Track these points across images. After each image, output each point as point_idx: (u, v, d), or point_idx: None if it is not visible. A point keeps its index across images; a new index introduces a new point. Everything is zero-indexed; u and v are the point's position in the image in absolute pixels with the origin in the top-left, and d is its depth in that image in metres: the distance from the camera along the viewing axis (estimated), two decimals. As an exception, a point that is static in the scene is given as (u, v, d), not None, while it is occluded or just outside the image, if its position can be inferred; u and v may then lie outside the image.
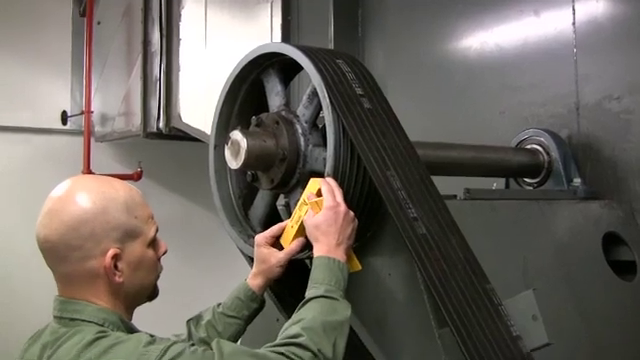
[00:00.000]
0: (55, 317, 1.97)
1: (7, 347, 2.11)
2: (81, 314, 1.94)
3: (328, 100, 2.22)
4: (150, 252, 2.01)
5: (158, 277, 2.08)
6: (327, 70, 2.29)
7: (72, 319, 1.95)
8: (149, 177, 6.56)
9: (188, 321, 2.37)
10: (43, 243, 1.95)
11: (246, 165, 2.34)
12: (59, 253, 1.93)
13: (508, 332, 2.00)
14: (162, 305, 2.32)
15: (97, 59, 6.67)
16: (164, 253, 2.10)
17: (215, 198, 2.61)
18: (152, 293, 2.08)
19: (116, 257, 1.93)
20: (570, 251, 2.77)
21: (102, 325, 1.92)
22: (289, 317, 2.31)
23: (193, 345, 1.88)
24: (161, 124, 5.69)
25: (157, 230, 2.05)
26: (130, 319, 2.03)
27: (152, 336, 1.89)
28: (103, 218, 1.93)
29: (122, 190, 1.99)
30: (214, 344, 1.87)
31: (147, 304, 2.09)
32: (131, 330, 1.98)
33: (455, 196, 2.58)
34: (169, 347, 1.82)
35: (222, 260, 5.66)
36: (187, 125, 5.48)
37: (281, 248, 2.28)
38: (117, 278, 1.94)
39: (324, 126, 2.28)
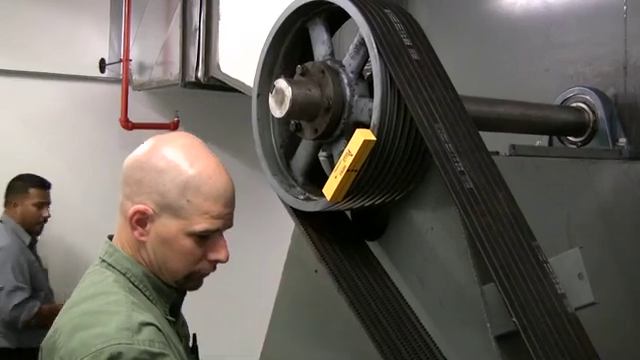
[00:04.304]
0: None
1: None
2: (109, 257, 1.98)
3: (376, 50, 2.19)
4: (188, 242, 1.95)
5: (196, 273, 2.01)
6: (375, 20, 2.25)
7: (102, 260, 1.98)
8: (185, 127, 6.55)
9: None
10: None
11: (290, 114, 2.32)
12: (122, 179, 1.97)
13: (553, 290, 1.98)
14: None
15: (136, 7, 6.64)
16: (217, 261, 2.02)
17: (257, 147, 2.59)
18: (181, 283, 2.02)
19: (145, 215, 1.93)
20: (614, 211, 2.74)
21: (124, 274, 1.94)
22: (328, 268, 2.33)
23: None
24: (200, 74, 5.66)
25: (215, 231, 1.97)
26: None
27: (149, 324, 1.84)
28: (154, 177, 1.92)
29: (198, 171, 1.94)
30: None
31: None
32: (158, 287, 1.99)
33: (497, 153, 2.54)
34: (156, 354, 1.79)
35: (259, 212, 5.69)
36: (226, 75, 5.45)
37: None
38: (137, 234, 1.95)
39: (370, 77, 2.25)
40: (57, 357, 1.84)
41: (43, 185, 5.86)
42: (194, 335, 2.19)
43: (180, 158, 1.94)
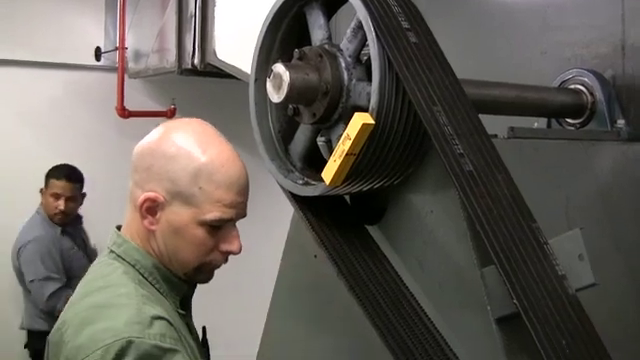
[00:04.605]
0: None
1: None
2: (118, 248, 1.94)
3: (374, 33, 2.18)
4: (200, 232, 1.90)
5: (207, 265, 1.98)
6: (373, 2, 2.24)
7: (111, 251, 1.95)
8: (182, 114, 6.53)
9: None
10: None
11: (288, 99, 2.31)
12: (131, 167, 1.93)
13: (554, 271, 1.97)
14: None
15: (131, -6, 6.63)
16: (230, 252, 1.98)
17: (255, 133, 2.58)
18: (191, 275, 1.98)
19: (155, 202, 1.89)
20: (613, 192, 2.74)
21: (134, 266, 1.91)
22: (328, 253, 2.32)
23: None
24: (196, 60, 5.64)
25: (228, 221, 1.93)
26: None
27: (161, 318, 1.80)
28: (165, 163, 1.88)
29: (210, 158, 1.91)
30: None
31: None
32: (168, 279, 1.96)
33: (496, 135, 2.54)
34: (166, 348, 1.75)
35: (257, 198, 5.67)
36: (222, 62, 5.43)
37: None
38: (147, 223, 1.90)
39: (368, 60, 2.24)
40: (64, 352, 1.81)
41: (64, 177, 5.83)
42: (204, 328, 2.16)
43: (192, 145, 1.91)
